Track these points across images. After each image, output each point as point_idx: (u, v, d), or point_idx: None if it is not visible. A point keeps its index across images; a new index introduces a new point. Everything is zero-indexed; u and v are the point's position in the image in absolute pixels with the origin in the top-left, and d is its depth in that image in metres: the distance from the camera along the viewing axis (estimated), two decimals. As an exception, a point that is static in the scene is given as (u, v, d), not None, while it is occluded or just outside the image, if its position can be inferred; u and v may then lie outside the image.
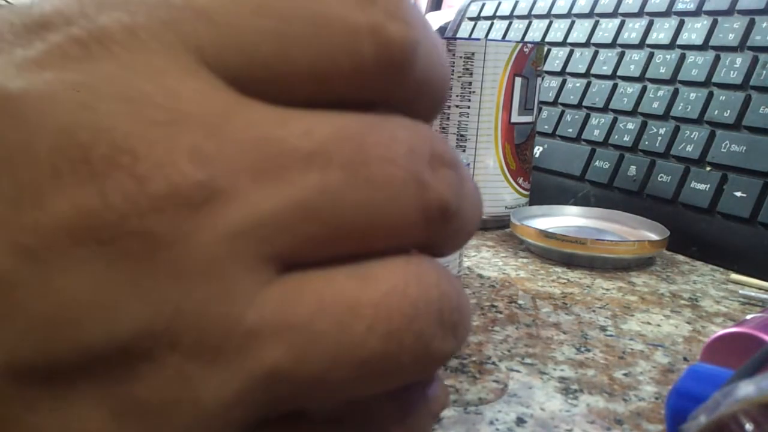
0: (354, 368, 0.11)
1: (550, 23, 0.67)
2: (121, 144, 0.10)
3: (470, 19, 0.80)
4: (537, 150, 0.61)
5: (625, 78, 0.57)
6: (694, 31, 0.53)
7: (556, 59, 0.64)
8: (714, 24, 0.51)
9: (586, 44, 0.62)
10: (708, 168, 0.47)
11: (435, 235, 0.12)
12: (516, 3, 0.74)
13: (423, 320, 0.11)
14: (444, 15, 0.92)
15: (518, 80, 0.50)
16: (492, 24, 0.76)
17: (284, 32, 0.11)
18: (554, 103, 0.63)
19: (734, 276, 0.41)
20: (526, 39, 0.69)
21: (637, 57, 0.56)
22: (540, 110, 0.63)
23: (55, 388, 0.10)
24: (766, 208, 0.43)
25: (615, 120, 0.56)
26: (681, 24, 0.54)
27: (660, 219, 0.47)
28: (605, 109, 0.57)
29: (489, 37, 0.75)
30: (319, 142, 0.11)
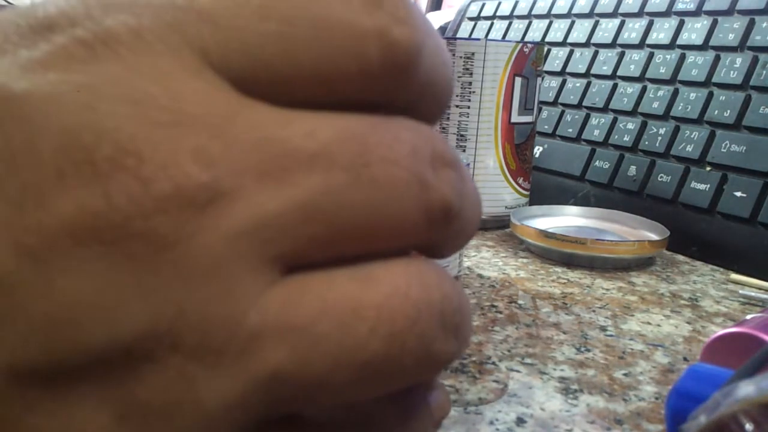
0: (356, 370, 0.11)
1: (550, 23, 0.67)
2: (126, 145, 0.10)
3: (470, 19, 0.80)
4: (537, 150, 0.61)
5: (625, 78, 0.57)
6: (694, 31, 0.53)
7: (556, 59, 0.64)
8: (714, 24, 0.51)
9: (586, 44, 0.62)
10: (708, 168, 0.47)
11: (437, 236, 0.12)
12: (516, 3, 0.74)
13: (425, 322, 0.11)
14: (444, 15, 0.92)
15: (518, 80, 0.50)
16: (492, 24, 0.76)
17: (288, 35, 0.11)
18: (554, 103, 0.63)
19: (734, 276, 0.41)
20: (526, 39, 0.69)
21: (637, 57, 0.56)
22: (540, 110, 0.63)
23: (57, 390, 0.10)
24: (766, 208, 0.43)
25: (615, 120, 0.56)
26: (681, 24, 0.54)
27: (660, 219, 0.47)
28: (605, 109, 0.57)
29: (489, 37, 0.75)
30: (323, 144, 0.11)
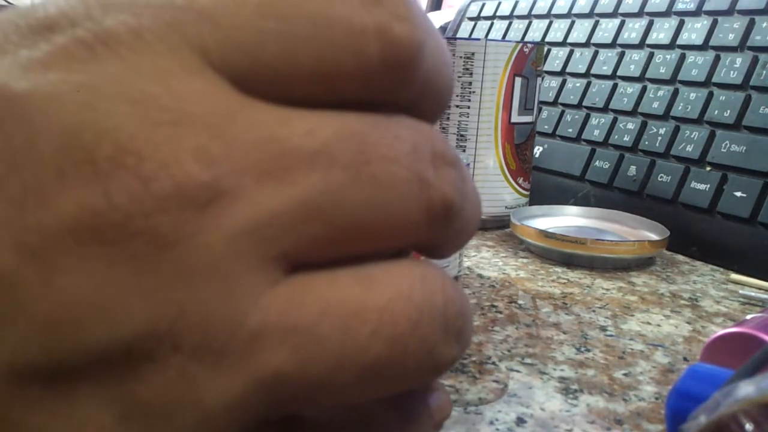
0: (358, 372, 0.11)
1: (550, 23, 0.67)
2: (126, 144, 0.10)
3: (470, 19, 0.80)
4: (537, 150, 0.61)
5: (625, 78, 0.57)
6: (694, 31, 0.53)
7: (556, 59, 0.64)
8: (714, 24, 0.51)
9: (586, 44, 0.62)
10: (708, 168, 0.47)
11: (437, 235, 0.12)
12: (516, 3, 0.74)
13: (427, 325, 0.11)
14: (444, 15, 0.92)
15: (518, 80, 0.50)
16: (492, 24, 0.76)
17: (288, 33, 0.11)
18: (554, 103, 0.63)
19: (734, 276, 0.41)
20: (526, 39, 0.69)
21: (637, 57, 0.56)
22: (540, 110, 0.63)
23: (58, 389, 0.10)
24: (766, 208, 0.43)
25: (615, 120, 0.56)
26: (681, 24, 0.54)
27: (660, 219, 0.47)
28: (605, 109, 0.57)
29: (489, 37, 0.75)
30: (323, 142, 0.11)
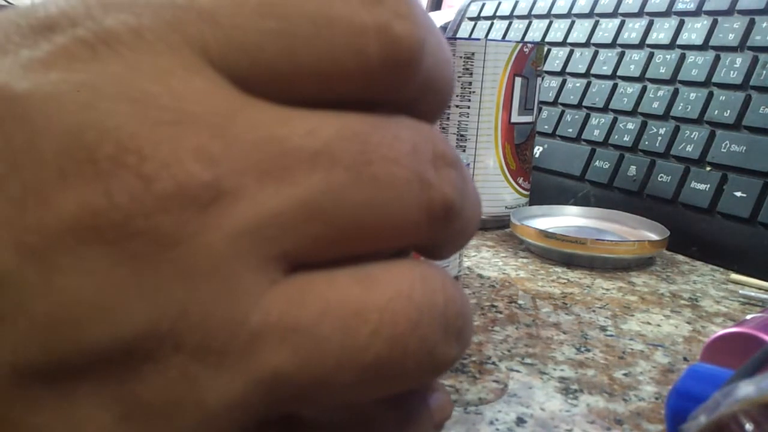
0: (358, 372, 0.11)
1: (550, 23, 0.67)
2: (127, 144, 0.10)
3: (470, 19, 0.80)
4: (537, 150, 0.61)
5: (625, 78, 0.57)
6: (694, 31, 0.53)
7: (556, 59, 0.64)
8: (714, 24, 0.51)
9: (586, 44, 0.62)
10: (708, 168, 0.47)
11: (438, 235, 0.12)
12: (516, 3, 0.74)
13: (428, 325, 0.11)
14: (444, 15, 0.92)
15: (518, 80, 0.50)
16: (492, 24, 0.76)
17: (288, 32, 0.11)
18: (554, 103, 0.63)
19: (734, 276, 0.41)
20: (526, 39, 0.69)
21: (637, 57, 0.56)
22: (540, 110, 0.63)
23: (59, 389, 0.10)
24: (766, 208, 0.43)
25: (615, 120, 0.56)
26: (681, 24, 0.54)
27: (660, 219, 0.47)
28: (605, 109, 0.57)
29: (489, 37, 0.75)
30: (324, 142, 0.11)
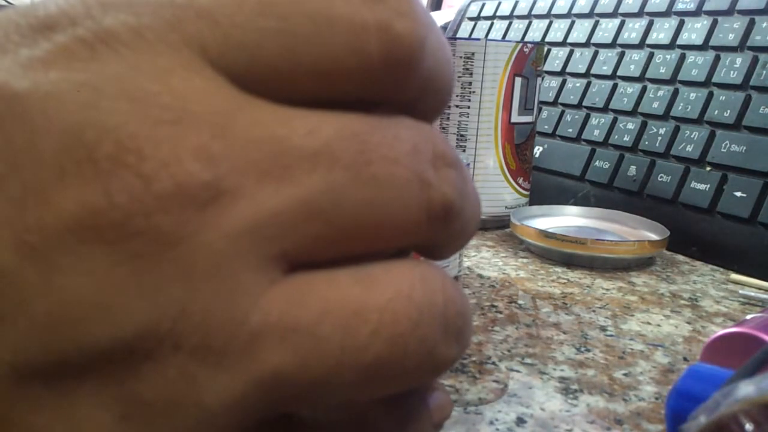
0: (357, 372, 0.11)
1: (550, 23, 0.67)
2: (127, 143, 0.10)
3: (470, 19, 0.80)
4: (537, 150, 0.61)
5: (625, 78, 0.57)
6: (694, 31, 0.53)
7: (556, 59, 0.64)
8: (714, 24, 0.51)
9: (586, 44, 0.62)
10: (708, 168, 0.47)
11: (437, 235, 0.12)
12: (516, 3, 0.74)
13: (427, 325, 0.11)
14: (444, 15, 0.92)
15: (518, 80, 0.50)
16: (492, 24, 0.76)
17: (288, 31, 0.11)
18: (554, 103, 0.63)
19: (734, 276, 0.41)
20: (526, 39, 0.69)
21: (637, 57, 0.56)
22: (540, 110, 0.63)
23: (59, 388, 0.10)
24: (766, 208, 0.43)
25: (615, 120, 0.56)
26: (681, 24, 0.54)
27: (660, 219, 0.47)
28: (605, 109, 0.57)
29: (489, 37, 0.75)
30: (324, 142, 0.11)
